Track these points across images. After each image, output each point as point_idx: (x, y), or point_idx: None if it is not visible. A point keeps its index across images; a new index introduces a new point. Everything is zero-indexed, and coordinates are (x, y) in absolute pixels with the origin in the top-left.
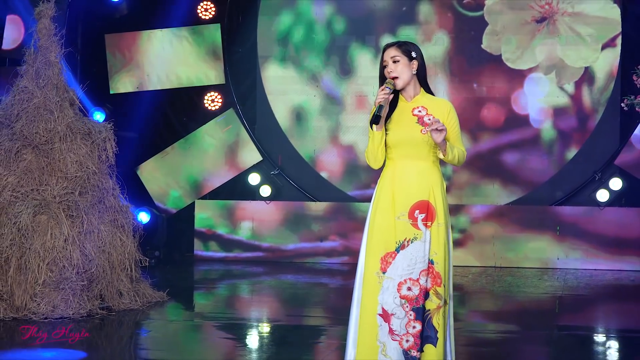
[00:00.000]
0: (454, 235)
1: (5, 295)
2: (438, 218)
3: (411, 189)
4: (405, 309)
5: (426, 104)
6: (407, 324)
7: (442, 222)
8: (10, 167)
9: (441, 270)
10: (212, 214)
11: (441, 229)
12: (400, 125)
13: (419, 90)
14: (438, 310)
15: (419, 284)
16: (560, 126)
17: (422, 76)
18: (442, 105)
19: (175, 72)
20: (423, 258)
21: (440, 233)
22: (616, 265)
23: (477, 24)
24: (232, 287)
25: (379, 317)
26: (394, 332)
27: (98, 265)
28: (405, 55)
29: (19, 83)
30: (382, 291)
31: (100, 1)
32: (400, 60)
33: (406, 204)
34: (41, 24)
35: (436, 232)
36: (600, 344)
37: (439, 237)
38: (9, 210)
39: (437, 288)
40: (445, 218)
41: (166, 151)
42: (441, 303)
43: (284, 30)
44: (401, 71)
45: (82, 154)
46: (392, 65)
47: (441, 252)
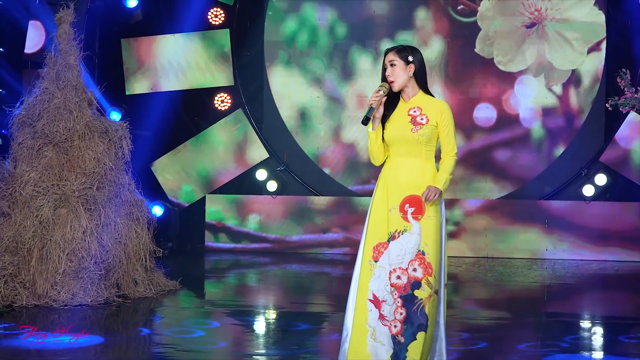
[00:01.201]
0: (449, 227)
1: (28, 284)
2: (428, 212)
3: (402, 184)
4: (394, 296)
5: (422, 104)
6: (395, 311)
7: (432, 216)
8: (32, 163)
9: (432, 261)
10: (221, 207)
11: (431, 222)
12: (396, 124)
13: (417, 92)
14: (429, 298)
15: (407, 273)
16: (548, 125)
17: (420, 78)
18: (437, 106)
19: (187, 74)
20: (412, 249)
21: (430, 226)
22: (601, 256)
23: (470, 29)
24: (240, 276)
25: (369, 303)
26: (384, 317)
27: (114, 256)
28: (402, 60)
29: (41, 84)
30: (373, 278)
31: (117, 7)
32: (397, 64)
33: (397, 198)
34: (61, 29)
35: (426, 225)
36: (586, 330)
37: (429, 230)
38: (31, 204)
39: (428, 277)
40: (436, 212)
41: (179, 148)
42: (432, 292)
43: (289, 35)
44: (398, 74)
45: (99, 151)
46: (389, 69)
47: (431, 243)
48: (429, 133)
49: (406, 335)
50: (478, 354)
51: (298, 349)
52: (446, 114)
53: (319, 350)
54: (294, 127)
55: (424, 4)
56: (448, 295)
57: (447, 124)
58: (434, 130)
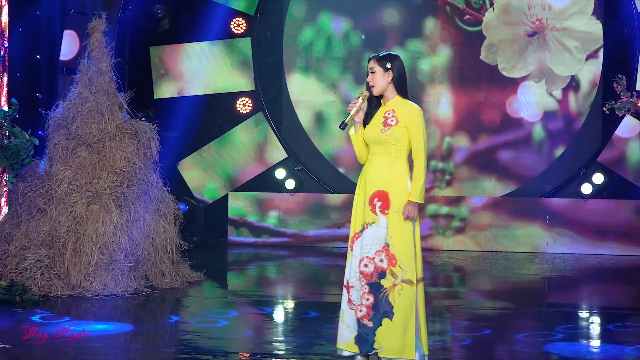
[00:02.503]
0: (456, 224)
1: (63, 275)
2: (394, 206)
3: (374, 179)
4: (362, 283)
5: (396, 107)
6: (362, 296)
7: (398, 210)
8: (67, 162)
9: (396, 253)
10: (243, 204)
11: (397, 216)
12: (372, 125)
13: (394, 96)
14: (393, 288)
15: (374, 262)
16: (549, 127)
17: (398, 84)
18: (409, 109)
19: (211, 79)
20: (379, 240)
21: (396, 220)
22: (598, 250)
23: (476, 37)
24: (260, 268)
25: (344, 288)
26: (352, 302)
27: (143, 249)
28: (381, 67)
29: (75, 89)
30: (348, 266)
31: (146, 17)
32: (376, 71)
33: (369, 193)
34: (94, 38)
35: (392, 219)
36: (584, 319)
37: (394, 224)
38: (66, 200)
39: (392, 268)
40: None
41: (203, 149)
42: (397, 281)
43: (307, 43)
44: (377, 80)
45: (129, 152)
46: (370, 75)
47: (396, 237)
48: (397, 134)
49: (374, 321)
50: (483, 341)
51: (314, 336)
52: (415, 117)
53: (333, 338)
54: (310, 129)
55: (432, 14)
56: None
57: (415, 126)
58: (403, 131)
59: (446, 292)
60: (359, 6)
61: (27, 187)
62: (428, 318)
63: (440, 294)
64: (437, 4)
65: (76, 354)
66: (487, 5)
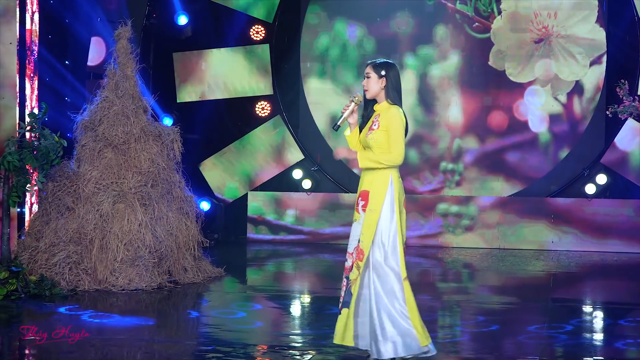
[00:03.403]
0: (465, 222)
1: (90, 271)
2: (370, 205)
3: (362, 180)
4: (344, 275)
5: (382, 112)
6: (343, 287)
7: (373, 209)
8: (94, 163)
9: (364, 249)
10: (262, 203)
11: (371, 214)
12: (365, 129)
13: (383, 101)
14: (355, 281)
15: (352, 257)
16: (554, 130)
17: (390, 90)
18: (390, 113)
19: (231, 84)
20: (357, 236)
21: (369, 218)
22: (601, 247)
23: (484, 44)
24: (278, 264)
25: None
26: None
27: (166, 246)
28: (376, 74)
29: (101, 93)
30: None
31: (169, 25)
32: (371, 76)
33: (358, 193)
34: (120, 44)
35: (367, 217)
36: (588, 314)
37: (367, 221)
38: (93, 199)
39: (358, 262)
40: (377, 207)
41: (224, 150)
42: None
43: (323, 49)
44: (371, 85)
45: (153, 153)
46: (365, 80)
47: (366, 233)
48: (377, 137)
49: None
50: (491, 334)
51: (329, 329)
52: (393, 120)
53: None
54: (326, 132)
55: (442, 22)
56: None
57: (392, 129)
58: (383, 134)
59: (456, 288)
60: (373, 14)
61: (56, 187)
62: (422, 311)
63: (450, 289)
64: (447, 12)
65: (102, 345)
66: (495, 14)
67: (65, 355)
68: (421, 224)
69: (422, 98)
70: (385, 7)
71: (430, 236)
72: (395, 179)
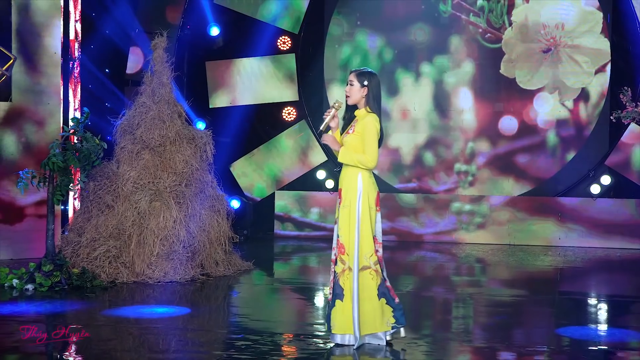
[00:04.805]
0: (478, 219)
1: (128, 264)
2: (344, 202)
3: (340, 180)
4: (330, 269)
5: (359, 118)
6: (330, 280)
7: (347, 206)
8: (132, 164)
9: (344, 242)
10: (288, 201)
11: (345, 210)
12: (344, 132)
13: (362, 108)
14: (342, 273)
15: (335, 251)
16: (561, 134)
17: (370, 99)
18: (365, 119)
19: (260, 91)
20: (337, 232)
21: (344, 214)
22: (606, 243)
23: (496, 53)
24: (303, 258)
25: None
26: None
27: (199, 241)
28: (359, 82)
29: (139, 99)
30: None
31: (202, 36)
32: (354, 84)
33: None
34: (156, 54)
35: (342, 214)
36: (593, 306)
37: (343, 217)
38: (131, 198)
39: (341, 256)
40: (351, 203)
41: (253, 152)
42: (345, 267)
43: (345, 58)
44: (353, 93)
45: (187, 155)
46: (348, 87)
47: (344, 228)
48: (352, 140)
49: (332, 302)
50: (501, 324)
51: None
52: (366, 126)
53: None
54: None
55: (457, 33)
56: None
57: (367, 136)
58: (357, 139)
59: (469, 281)
60: (392, 25)
61: (97, 186)
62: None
63: (464, 282)
64: (461, 24)
65: (140, 333)
66: (506, 25)
67: (105, 343)
68: (437, 222)
69: (437, 104)
70: (403, 19)
71: (445, 233)
72: (364, 178)
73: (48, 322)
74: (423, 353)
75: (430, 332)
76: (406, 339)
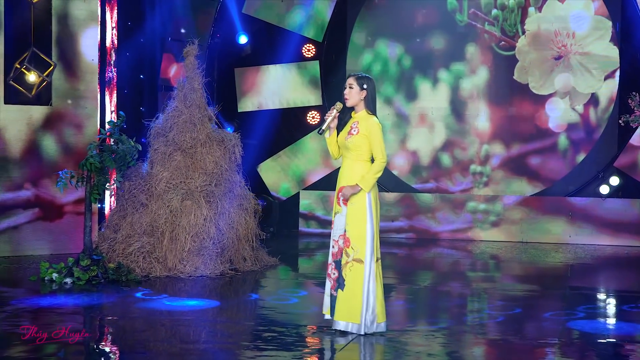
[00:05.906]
0: (492, 218)
1: (161, 259)
2: (352, 200)
3: (341, 177)
4: (330, 260)
5: (361, 119)
6: (331, 270)
7: (355, 203)
8: (165, 165)
9: (351, 237)
10: (312, 200)
11: (353, 207)
12: (342, 132)
13: (362, 110)
14: (346, 265)
15: (338, 244)
16: (572, 137)
17: (369, 101)
18: (369, 122)
19: (285, 96)
20: (341, 227)
21: (353, 211)
22: (614, 241)
23: (510, 60)
24: (326, 254)
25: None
26: (329, 276)
27: (228, 238)
28: (359, 85)
29: (172, 103)
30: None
31: (231, 44)
32: (354, 87)
33: (338, 188)
34: (188, 60)
35: (350, 210)
36: (602, 300)
37: (351, 214)
38: (164, 197)
39: (346, 249)
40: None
41: (279, 154)
42: (349, 260)
43: (366, 65)
44: (352, 96)
45: (217, 156)
46: (347, 90)
47: (351, 224)
48: (356, 141)
49: (337, 293)
50: (514, 318)
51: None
52: (373, 129)
53: (387, 314)
54: None
55: (472, 41)
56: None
57: (373, 136)
58: (363, 139)
59: (483, 276)
60: (411, 34)
61: (132, 186)
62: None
63: (479, 277)
64: (477, 32)
65: (172, 325)
66: (520, 33)
67: (140, 334)
68: (453, 220)
69: (454, 108)
70: (421, 28)
71: (460, 231)
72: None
73: (85, 313)
74: (440, 345)
75: (447, 325)
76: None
